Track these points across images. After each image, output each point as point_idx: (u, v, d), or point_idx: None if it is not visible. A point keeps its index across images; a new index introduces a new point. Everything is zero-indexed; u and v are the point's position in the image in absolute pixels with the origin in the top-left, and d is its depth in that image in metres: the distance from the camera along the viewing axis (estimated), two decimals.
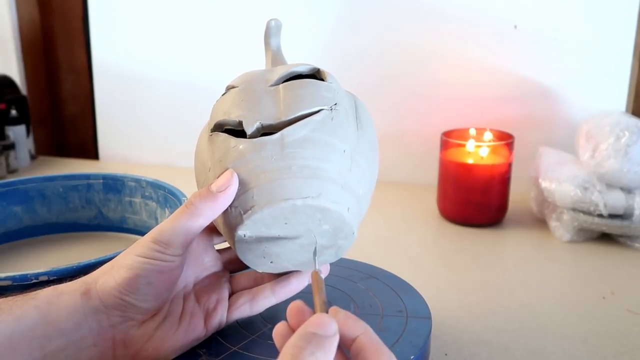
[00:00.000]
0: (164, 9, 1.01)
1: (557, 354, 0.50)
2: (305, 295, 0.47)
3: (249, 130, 0.39)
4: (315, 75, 0.44)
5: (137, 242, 0.38)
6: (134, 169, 0.85)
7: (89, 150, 1.18)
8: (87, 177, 0.65)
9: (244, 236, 0.38)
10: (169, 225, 0.37)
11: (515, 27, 0.87)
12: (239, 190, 0.37)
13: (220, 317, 0.41)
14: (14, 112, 1.01)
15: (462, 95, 0.91)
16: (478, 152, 0.78)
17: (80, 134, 1.18)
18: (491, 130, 0.81)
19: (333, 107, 0.40)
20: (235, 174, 0.37)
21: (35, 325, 0.35)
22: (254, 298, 0.42)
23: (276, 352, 0.40)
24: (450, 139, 0.79)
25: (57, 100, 1.18)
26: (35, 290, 0.37)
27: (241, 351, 0.41)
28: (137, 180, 0.63)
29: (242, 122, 0.39)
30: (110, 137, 1.11)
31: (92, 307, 0.36)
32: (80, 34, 1.12)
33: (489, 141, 0.80)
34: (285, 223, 0.37)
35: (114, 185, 0.64)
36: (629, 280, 0.63)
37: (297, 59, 0.47)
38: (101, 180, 0.65)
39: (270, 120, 0.39)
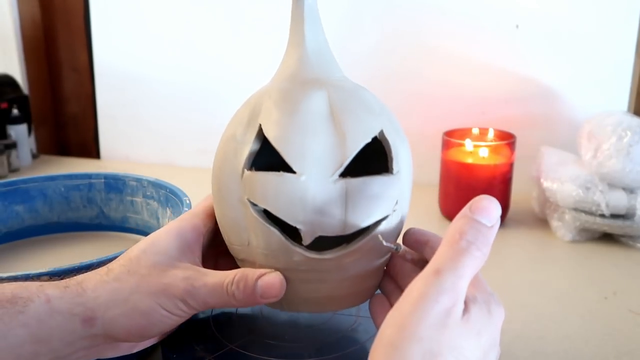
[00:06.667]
0: (166, 9, 1.01)
1: (558, 354, 0.50)
2: None
3: (307, 241, 0.37)
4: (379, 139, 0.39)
5: (165, 285, 0.37)
6: (135, 168, 0.85)
7: (91, 149, 1.18)
8: (89, 176, 0.65)
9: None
10: (205, 291, 0.37)
11: (517, 26, 0.87)
12: None
13: None
14: (15, 111, 1.01)
15: (463, 94, 0.91)
16: (479, 152, 0.77)
17: (82, 133, 1.18)
18: (493, 129, 0.81)
19: (395, 208, 0.38)
20: (285, 285, 0.37)
21: (23, 343, 0.34)
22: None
23: (275, 352, 0.41)
24: (451, 139, 0.79)
25: (59, 99, 1.18)
26: None
27: (238, 349, 0.41)
28: (138, 180, 0.63)
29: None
30: (112, 137, 1.11)
31: (93, 333, 0.36)
32: (82, 33, 1.12)
33: (491, 141, 0.80)
34: None
35: (115, 184, 0.64)
36: (631, 281, 0.63)
37: None
38: (102, 180, 0.65)
39: (330, 232, 0.37)
